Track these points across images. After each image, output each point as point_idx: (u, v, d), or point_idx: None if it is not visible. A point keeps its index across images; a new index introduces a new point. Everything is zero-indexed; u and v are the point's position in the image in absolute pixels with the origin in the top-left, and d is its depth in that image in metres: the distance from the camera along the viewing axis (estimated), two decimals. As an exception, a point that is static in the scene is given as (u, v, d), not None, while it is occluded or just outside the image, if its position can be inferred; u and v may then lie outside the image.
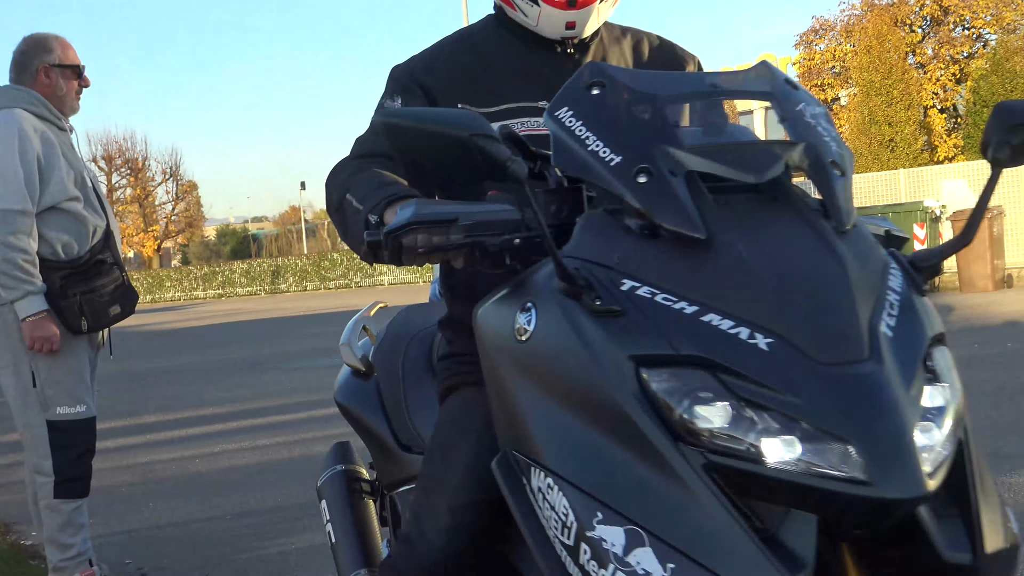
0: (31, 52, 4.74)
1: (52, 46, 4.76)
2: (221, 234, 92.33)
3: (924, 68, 37.64)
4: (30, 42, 4.79)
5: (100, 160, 68.01)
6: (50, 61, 4.74)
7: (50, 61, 4.74)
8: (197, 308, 51.70)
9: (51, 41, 4.78)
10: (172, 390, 13.57)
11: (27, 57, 4.74)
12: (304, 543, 5.68)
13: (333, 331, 17.45)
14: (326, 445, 8.38)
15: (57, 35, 4.83)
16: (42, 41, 4.78)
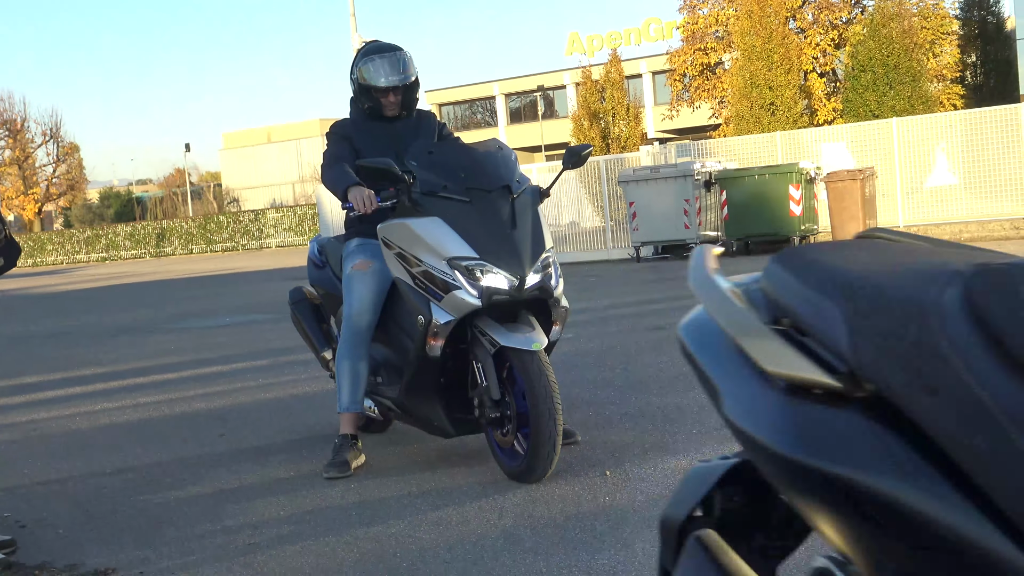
0: None
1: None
2: (104, 197, 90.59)
3: (804, 33, 38.37)
4: None
5: (-24, 122, 66.37)
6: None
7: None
8: (80, 272, 50.83)
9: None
10: (54, 352, 13.49)
11: None
12: (183, 495, 5.79)
13: (218, 293, 17.70)
14: (207, 403, 8.53)
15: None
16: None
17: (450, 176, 5.47)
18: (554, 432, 5.15)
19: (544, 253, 5.46)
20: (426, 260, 5.37)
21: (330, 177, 5.89)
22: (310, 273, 6.65)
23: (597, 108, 37.02)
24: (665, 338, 10.08)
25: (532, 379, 5.14)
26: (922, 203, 21.06)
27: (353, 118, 6.20)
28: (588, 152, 5.86)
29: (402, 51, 6.07)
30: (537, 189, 5.69)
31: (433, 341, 5.37)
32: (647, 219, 21.26)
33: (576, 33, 65.10)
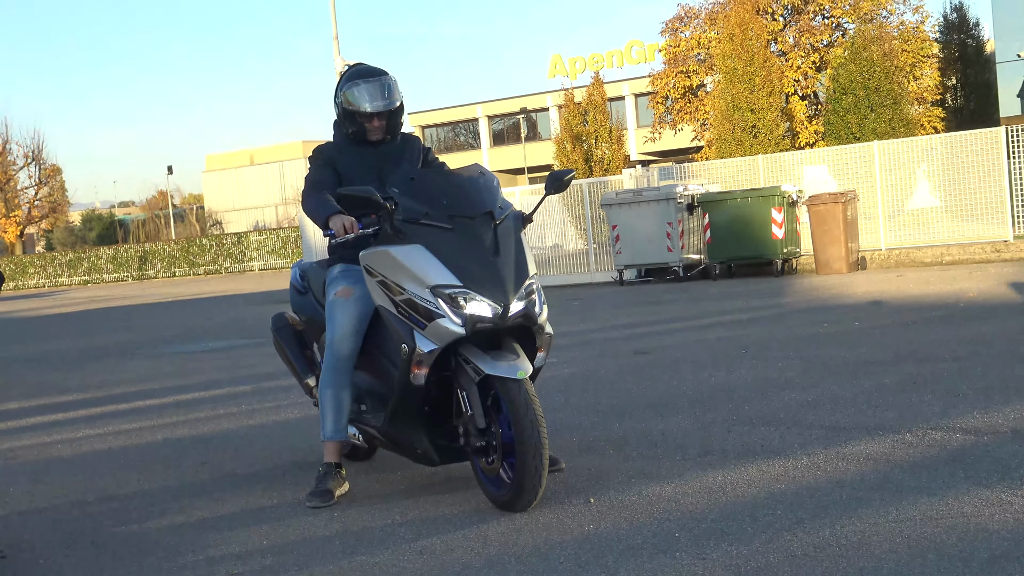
0: None
1: None
2: (87, 219, 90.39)
3: (786, 56, 38.54)
4: None
5: (-43, 143, 66.14)
6: None
7: None
8: (62, 295, 50.64)
9: None
10: (35, 377, 13.43)
11: None
12: (165, 523, 5.76)
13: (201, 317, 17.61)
14: (189, 429, 8.49)
15: None
16: None
17: (432, 203, 5.43)
18: (540, 461, 5.12)
19: (528, 280, 5.42)
20: (409, 288, 5.33)
21: (311, 205, 5.88)
22: (292, 299, 6.62)
23: (580, 131, 37.00)
24: (649, 363, 10.08)
25: (517, 407, 5.11)
26: (904, 225, 21.12)
27: (336, 142, 6.18)
28: (571, 177, 5.85)
29: (387, 75, 6.05)
30: (520, 215, 5.65)
31: (417, 370, 5.33)
32: (630, 242, 21.30)
33: (559, 55, 65.31)
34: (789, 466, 5.77)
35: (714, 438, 6.61)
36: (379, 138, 6.07)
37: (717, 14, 38.50)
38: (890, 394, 7.51)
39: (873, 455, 5.85)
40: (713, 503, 5.19)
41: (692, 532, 4.75)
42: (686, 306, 15.93)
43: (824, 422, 6.81)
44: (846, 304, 14.03)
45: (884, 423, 6.60)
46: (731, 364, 9.51)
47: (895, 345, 9.81)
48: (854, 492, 5.17)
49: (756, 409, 7.40)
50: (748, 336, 11.48)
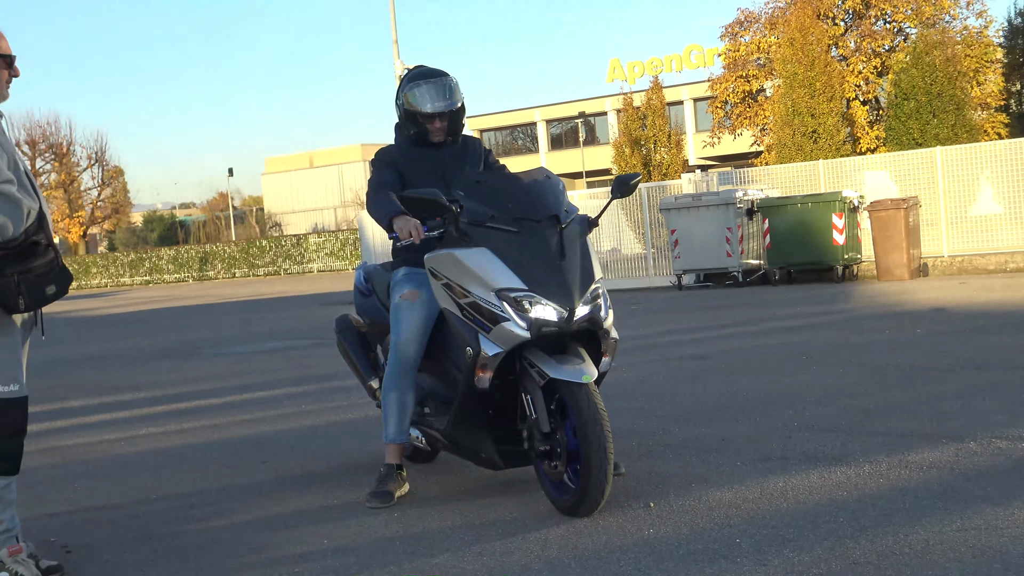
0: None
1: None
2: (148, 220, 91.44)
3: (847, 60, 38.22)
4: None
5: (23, 145, 67.12)
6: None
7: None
8: (124, 295, 51.24)
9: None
10: (98, 375, 13.58)
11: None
12: (226, 523, 5.80)
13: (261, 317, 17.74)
14: (250, 429, 8.55)
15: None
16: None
17: (498, 206, 5.43)
18: (605, 465, 5.08)
19: (593, 284, 5.39)
20: (474, 291, 5.33)
21: (375, 206, 5.87)
22: (356, 301, 6.63)
23: (639, 135, 36.93)
24: (707, 368, 10.04)
25: (582, 412, 5.08)
26: (967, 232, 20.85)
27: (398, 145, 6.18)
28: (637, 181, 5.83)
29: (448, 76, 6.05)
30: (586, 219, 5.63)
31: (482, 373, 5.32)
32: (689, 247, 21.22)
33: (617, 60, 65.24)
34: (851, 473, 5.72)
35: (774, 444, 6.57)
36: (440, 140, 6.07)
37: (777, 18, 38.28)
38: (953, 402, 7.43)
39: (936, 463, 5.79)
40: (774, 509, 5.16)
41: (753, 538, 4.72)
42: (745, 311, 15.84)
43: (886, 429, 6.74)
44: (908, 311, 13.90)
45: (947, 431, 6.53)
46: (791, 370, 9.44)
47: (958, 353, 9.70)
48: (917, 500, 5.11)
49: (816, 415, 7.35)
50: (808, 342, 11.39)
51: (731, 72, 40.62)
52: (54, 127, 69.79)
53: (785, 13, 37.22)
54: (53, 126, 70.08)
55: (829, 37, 35.99)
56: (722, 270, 21.27)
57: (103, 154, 72.72)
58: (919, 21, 36.99)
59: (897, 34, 39.06)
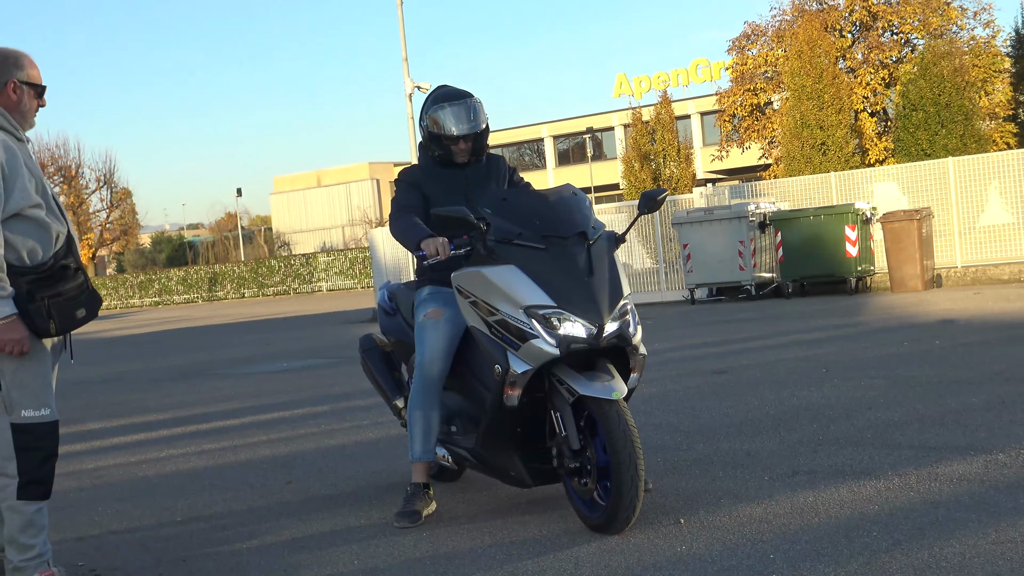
0: (2, 66, 4.84)
1: (23, 63, 4.88)
2: (156, 241, 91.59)
3: (854, 72, 38.26)
4: (0, 55, 4.89)
5: (33, 168, 67.19)
6: (20, 78, 4.86)
7: (20, 78, 4.86)
8: (134, 316, 51.31)
9: (22, 58, 4.90)
10: (115, 397, 13.59)
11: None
12: (255, 544, 5.79)
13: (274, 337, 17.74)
14: (272, 450, 8.54)
15: (27, 53, 4.95)
16: (14, 57, 4.89)
17: (525, 223, 5.43)
18: (636, 482, 5.07)
19: (622, 300, 5.38)
20: (502, 308, 5.32)
21: (400, 228, 5.86)
22: (381, 320, 6.62)
23: (648, 149, 37.00)
24: (728, 382, 10.02)
25: (612, 428, 5.07)
26: (979, 243, 20.84)
27: (422, 164, 6.18)
28: (664, 196, 5.81)
29: (472, 98, 6.05)
30: (613, 235, 5.62)
31: (510, 391, 5.31)
32: (701, 261, 21.22)
33: (623, 75, 65.38)
34: (881, 487, 5.70)
35: (801, 458, 6.55)
36: (465, 160, 6.08)
37: (784, 31, 38.36)
38: (979, 414, 7.40)
39: (967, 476, 5.77)
40: (806, 524, 5.14)
41: (787, 553, 4.70)
42: (761, 325, 15.82)
43: (913, 442, 6.72)
44: (925, 322, 13.87)
45: (975, 443, 6.51)
46: (812, 383, 9.42)
47: (980, 364, 9.68)
48: (950, 513, 5.09)
49: (842, 429, 7.32)
50: (827, 355, 11.37)
51: (739, 85, 40.69)
52: (63, 149, 69.90)
53: (792, 26, 37.29)
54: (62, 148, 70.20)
55: (837, 49, 36.05)
56: (735, 284, 21.26)
57: (112, 176, 72.80)
58: (926, 32, 37.04)
59: (904, 45, 39.12)
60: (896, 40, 39.02)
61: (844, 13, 38.77)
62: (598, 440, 5.22)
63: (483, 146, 6.11)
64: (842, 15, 38.74)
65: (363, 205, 78.59)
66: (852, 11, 38.68)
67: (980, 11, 38.65)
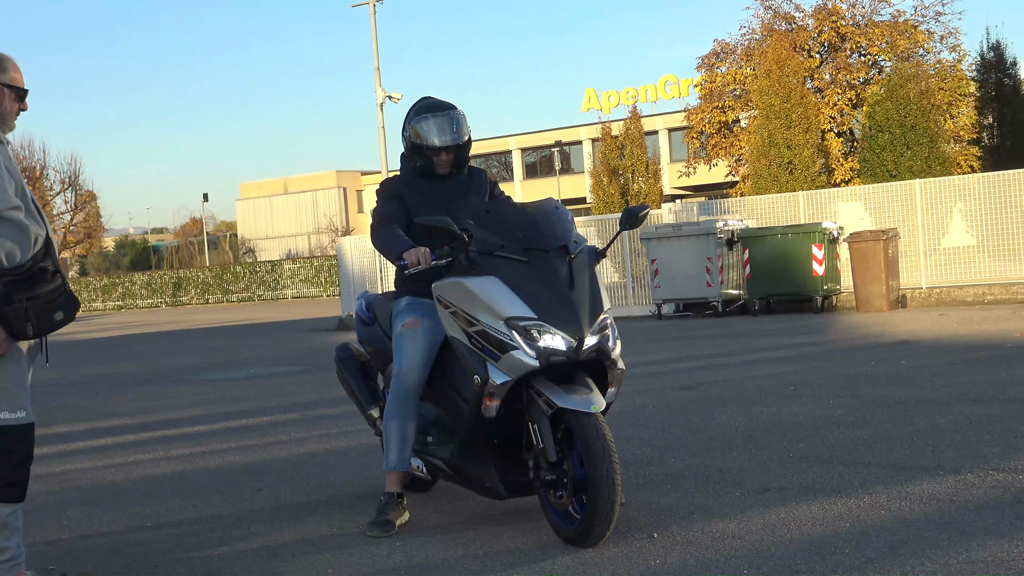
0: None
1: (6, 66, 4.87)
2: (120, 245, 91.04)
3: (822, 93, 38.48)
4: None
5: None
6: (2, 80, 4.85)
7: (2, 80, 4.85)
8: (97, 319, 50.96)
9: (6, 61, 4.89)
10: (80, 401, 13.51)
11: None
12: (227, 550, 5.77)
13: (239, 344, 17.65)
14: (241, 456, 8.52)
15: (10, 56, 4.93)
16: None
17: (507, 235, 5.46)
18: (613, 497, 5.08)
19: (602, 314, 5.41)
20: (483, 319, 5.33)
21: (382, 239, 5.88)
22: (358, 330, 6.62)
23: (617, 164, 37.08)
24: (696, 398, 10.07)
25: (591, 442, 5.08)
26: (944, 264, 21.03)
27: (404, 175, 6.20)
28: (646, 213, 5.86)
29: (455, 110, 6.08)
30: (594, 249, 5.65)
31: (489, 401, 5.32)
32: (669, 276, 21.31)
33: (592, 89, 65.58)
34: (852, 504, 5.75)
35: (771, 475, 6.60)
36: (446, 172, 6.10)
37: (754, 50, 38.55)
38: (947, 434, 7.48)
39: (936, 495, 5.83)
40: (778, 540, 5.18)
41: (760, 569, 4.74)
42: (727, 342, 15.90)
43: (882, 461, 6.78)
44: (890, 342, 13.98)
45: (944, 463, 6.58)
46: (780, 401, 9.49)
47: (946, 385, 9.77)
48: (920, 532, 5.15)
49: (811, 446, 7.38)
50: (794, 373, 11.45)
51: (707, 103, 40.82)
52: (28, 150, 69.29)
53: (762, 45, 37.47)
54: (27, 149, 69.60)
55: (805, 69, 36.24)
56: (702, 300, 21.35)
57: (76, 178, 72.18)
58: (894, 54, 37.30)
59: (872, 67, 39.39)
60: (864, 62, 39.27)
61: (813, 33, 38.99)
62: (575, 453, 5.23)
63: (465, 158, 6.14)
64: (811, 35, 38.95)
65: (330, 213, 78.44)
66: (821, 32, 38.90)
67: (947, 35, 38.95)
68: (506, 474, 5.61)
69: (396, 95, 39.18)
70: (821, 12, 38.90)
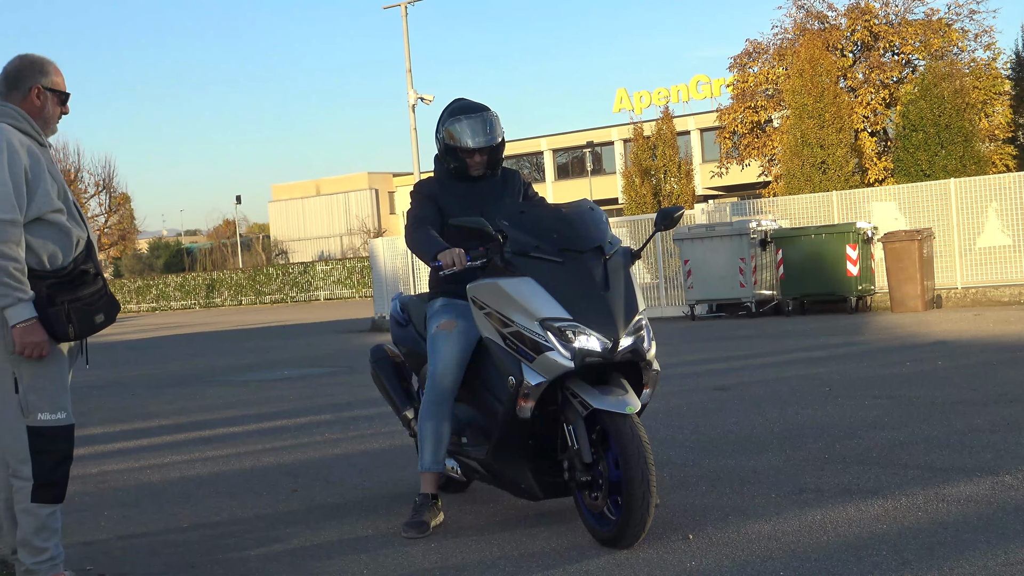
0: (27, 72, 4.88)
1: (48, 70, 4.92)
2: (154, 247, 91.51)
3: (855, 92, 38.32)
4: (26, 61, 4.92)
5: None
6: (44, 84, 4.90)
7: (44, 84, 4.90)
8: (132, 321, 51.27)
9: (47, 65, 4.94)
10: (115, 403, 13.60)
11: (22, 75, 4.88)
12: (263, 551, 5.80)
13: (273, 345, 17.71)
14: (276, 457, 8.55)
15: (52, 61, 4.98)
16: (39, 63, 4.93)
17: (542, 236, 5.46)
18: (648, 498, 5.07)
19: (637, 315, 5.40)
20: (518, 320, 5.33)
21: (417, 240, 5.89)
22: (393, 331, 6.63)
23: (649, 165, 37.07)
24: (731, 399, 10.04)
25: (625, 443, 5.08)
26: (980, 264, 20.90)
27: (438, 177, 6.20)
28: (681, 214, 5.83)
29: (489, 111, 6.08)
30: (629, 250, 5.63)
31: (524, 402, 5.32)
32: (702, 277, 21.26)
33: (624, 90, 65.47)
34: (888, 506, 5.72)
35: (807, 476, 6.57)
36: (480, 173, 6.11)
37: (786, 50, 38.44)
38: (984, 435, 7.43)
39: (974, 496, 5.79)
40: (814, 542, 5.16)
41: (797, 571, 4.72)
42: (761, 342, 15.85)
43: (919, 462, 6.74)
44: (926, 343, 13.90)
45: (981, 464, 6.53)
46: (816, 401, 9.45)
47: (983, 385, 9.71)
48: (958, 534, 5.11)
49: (847, 448, 7.35)
50: (829, 374, 11.40)
51: (739, 103, 40.74)
52: (63, 153, 69.74)
53: (794, 45, 37.37)
54: (62, 152, 70.03)
55: (838, 68, 36.10)
56: (735, 300, 21.30)
57: (110, 181, 72.58)
58: (927, 53, 37.13)
59: (905, 66, 39.20)
60: (897, 61, 39.09)
61: (846, 33, 38.85)
62: (610, 454, 5.22)
63: (498, 159, 6.15)
64: (844, 34, 38.82)
65: (361, 215, 78.61)
66: (854, 31, 38.75)
67: (981, 33, 38.74)
68: (541, 475, 5.61)
69: (428, 96, 39.21)
70: (854, 11, 38.74)
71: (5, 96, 4.88)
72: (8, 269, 4.60)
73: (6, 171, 4.63)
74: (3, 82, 4.91)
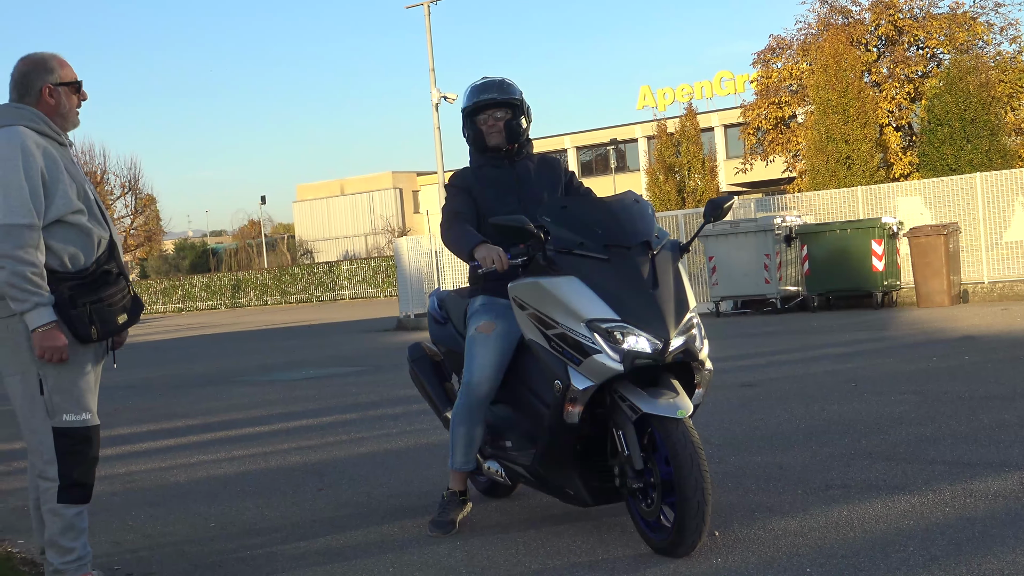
0: (33, 73, 4.87)
1: (52, 66, 4.89)
2: (179, 248, 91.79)
3: (880, 87, 38.15)
4: (29, 63, 4.91)
5: (58, 173, 67.31)
6: (52, 80, 4.88)
7: (52, 80, 4.88)
8: (158, 322, 51.47)
9: (50, 61, 4.91)
10: (144, 403, 13.65)
11: (29, 78, 4.86)
12: (290, 551, 5.81)
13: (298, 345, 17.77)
14: (302, 457, 8.57)
15: (54, 54, 4.96)
16: (41, 61, 4.91)
17: (586, 232, 5.21)
18: (703, 506, 4.84)
19: (688, 313, 5.15)
20: (563, 322, 5.09)
21: (452, 237, 5.71)
22: (431, 329, 6.45)
23: (673, 161, 37.00)
24: (757, 395, 10.01)
25: (678, 448, 4.85)
26: (1007, 258, 20.78)
27: (472, 167, 6.06)
28: (731, 204, 5.55)
29: (505, 79, 5.99)
30: (677, 244, 5.41)
31: (571, 407, 5.06)
32: (727, 274, 21.21)
33: (647, 87, 65.35)
34: (915, 502, 5.69)
35: (834, 472, 6.55)
36: (499, 141, 5.93)
37: (810, 45, 38.29)
38: (1012, 430, 7.39)
39: (1002, 492, 5.76)
40: (841, 538, 5.14)
41: (824, 568, 4.70)
42: (787, 339, 15.81)
43: (946, 457, 6.71)
44: (953, 338, 13.83)
45: (1009, 460, 6.49)
46: (842, 397, 9.41)
47: (1011, 380, 9.65)
48: (986, 530, 5.09)
49: (874, 443, 7.32)
50: (856, 369, 11.35)
51: (763, 99, 40.60)
52: (88, 155, 70.01)
53: (818, 40, 37.22)
54: (87, 154, 70.30)
55: (862, 63, 35.96)
56: (760, 297, 21.24)
57: (136, 182, 72.82)
58: (952, 47, 36.93)
59: (930, 60, 39.00)
60: (922, 55, 38.90)
61: (870, 27, 38.68)
62: (659, 455, 4.99)
63: (517, 126, 5.94)
64: (868, 29, 38.64)
65: (386, 214, 78.69)
66: (878, 25, 38.58)
67: (1007, 26, 38.54)
68: (590, 481, 5.36)
69: (451, 95, 39.19)
70: (878, 5, 38.57)
71: (19, 102, 4.86)
72: (26, 274, 4.60)
73: (22, 175, 4.63)
74: (13, 89, 4.88)
